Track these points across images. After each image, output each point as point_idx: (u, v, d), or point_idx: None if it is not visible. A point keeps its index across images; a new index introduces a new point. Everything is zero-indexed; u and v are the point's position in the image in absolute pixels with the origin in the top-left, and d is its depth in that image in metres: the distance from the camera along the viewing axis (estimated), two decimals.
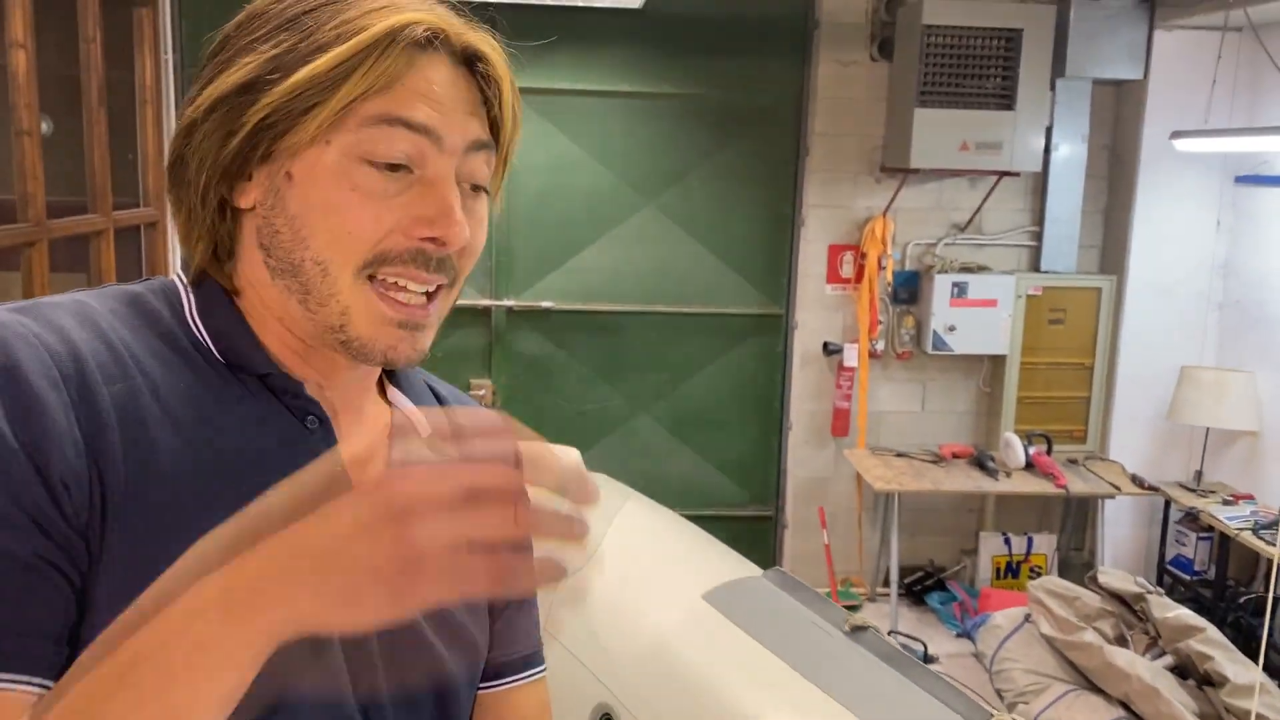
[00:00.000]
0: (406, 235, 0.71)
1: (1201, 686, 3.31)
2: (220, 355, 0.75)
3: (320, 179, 0.71)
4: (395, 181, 0.71)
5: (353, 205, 0.71)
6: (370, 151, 0.70)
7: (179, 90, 4.20)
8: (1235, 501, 4.21)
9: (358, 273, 0.71)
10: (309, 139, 0.71)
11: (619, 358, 4.74)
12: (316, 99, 0.70)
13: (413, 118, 0.71)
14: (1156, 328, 4.62)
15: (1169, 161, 4.42)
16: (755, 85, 4.58)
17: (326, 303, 0.72)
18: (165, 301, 0.76)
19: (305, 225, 0.72)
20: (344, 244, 0.71)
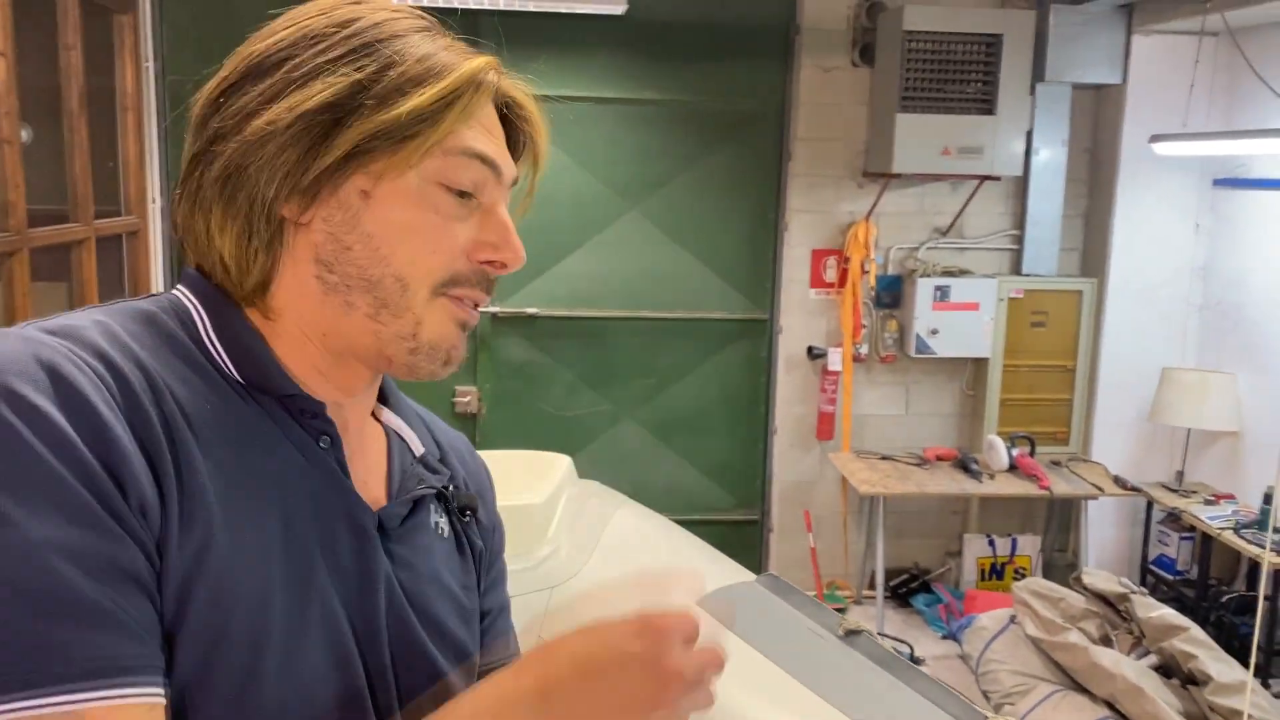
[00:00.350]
0: (470, 258, 0.78)
1: (1185, 685, 3.34)
2: (238, 375, 0.75)
3: (403, 201, 0.75)
4: (464, 207, 0.77)
5: (435, 227, 0.76)
6: (450, 179, 0.76)
7: (160, 97, 4.17)
8: (1216, 501, 4.25)
9: (434, 290, 0.77)
10: (402, 164, 0.75)
11: (604, 363, 4.74)
12: (419, 129, 0.74)
13: (485, 152, 0.78)
14: (1137, 330, 4.66)
15: (1148, 165, 4.46)
16: (738, 91, 4.60)
17: (402, 315, 0.76)
18: (179, 320, 0.75)
19: (385, 243, 0.75)
20: (426, 262, 0.76)
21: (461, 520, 0.89)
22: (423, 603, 0.81)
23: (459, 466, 0.93)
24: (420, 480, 0.85)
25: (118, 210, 3.93)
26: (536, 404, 4.69)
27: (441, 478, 0.88)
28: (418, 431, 0.90)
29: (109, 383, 0.65)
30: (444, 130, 0.75)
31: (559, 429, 4.69)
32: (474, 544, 0.90)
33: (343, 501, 0.76)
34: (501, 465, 2.03)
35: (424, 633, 0.80)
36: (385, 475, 0.84)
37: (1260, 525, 3.89)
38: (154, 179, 4.14)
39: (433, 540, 0.85)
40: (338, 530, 0.75)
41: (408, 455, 0.87)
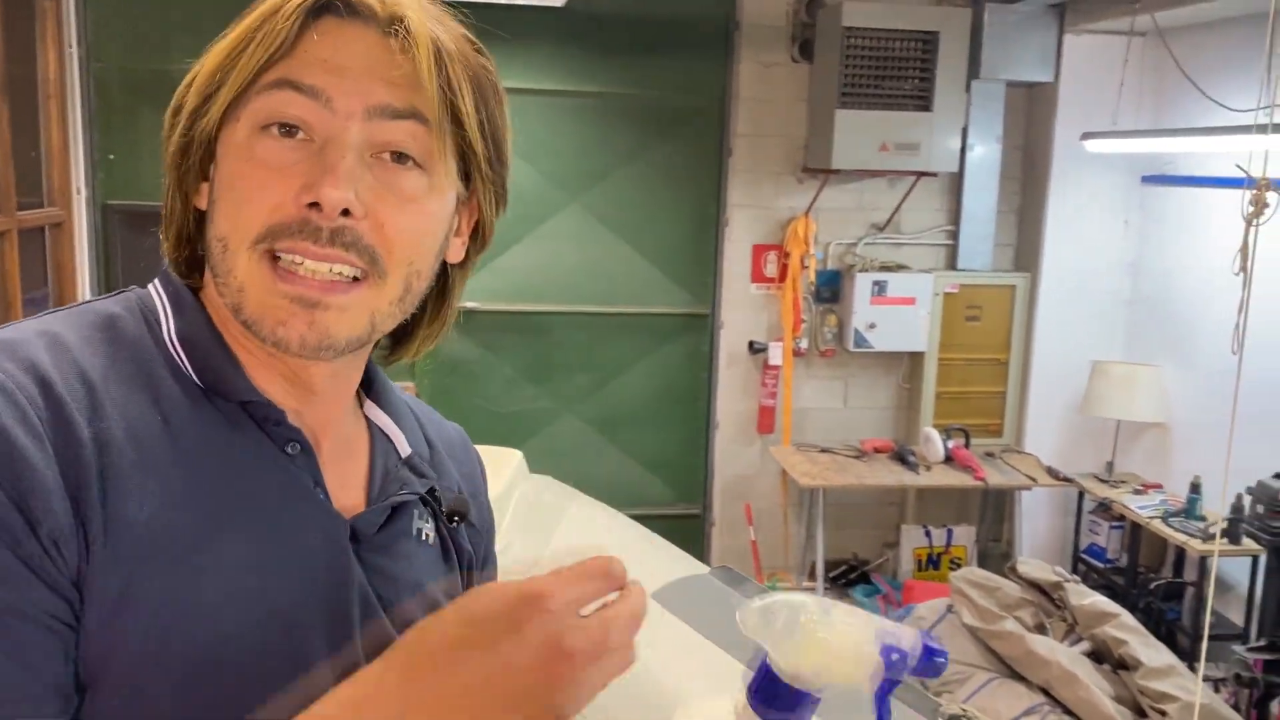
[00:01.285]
0: (295, 203, 0.67)
1: (1116, 670, 3.41)
2: (199, 381, 0.70)
3: (230, 155, 0.70)
4: (294, 151, 0.68)
5: (248, 176, 0.68)
6: (266, 117, 0.68)
7: (84, 85, 4.05)
8: (1145, 491, 4.35)
9: (252, 247, 0.68)
10: (220, 118, 0.70)
11: (545, 358, 4.71)
12: (224, 78, 0.69)
13: (301, 80, 0.68)
14: (1069, 324, 4.76)
15: (1079, 162, 4.55)
16: (679, 85, 4.60)
17: (227, 280, 0.69)
18: (143, 322, 0.72)
19: (216, 206, 0.70)
20: (240, 216, 0.68)
21: (449, 526, 0.83)
22: (402, 615, 0.76)
23: (450, 465, 0.88)
24: (402, 484, 0.80)
25: (40, 202, 3.81)
26: (476, 400, 4.64)
27: (427, 482, 0.82)
28: (407, 428, 0.85)
29: (35, 402, 0.61)
30: (242, 70, 0.69)
31: (499, 425, 4.66)
32: (462, 550, 0.84)
33: (312, 511, 0.72)
34: None
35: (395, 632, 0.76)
36: (366, 478, 0.79)
37: (1186, 514, 4.00)
38: (79, 169, 4.01)
39: (415, 547, 0.79)
40: (308, 541, 0.71)
41: (393, 456, 0.82)
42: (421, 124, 0.70)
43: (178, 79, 0.77)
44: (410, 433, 0.85)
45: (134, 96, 4.17)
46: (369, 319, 0.71)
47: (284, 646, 0.68)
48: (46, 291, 3.82)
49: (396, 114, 0.70)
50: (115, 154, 4.20)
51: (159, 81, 4.17)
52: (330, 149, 0.68)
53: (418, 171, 0.71)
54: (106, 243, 4.21)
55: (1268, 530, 3.32)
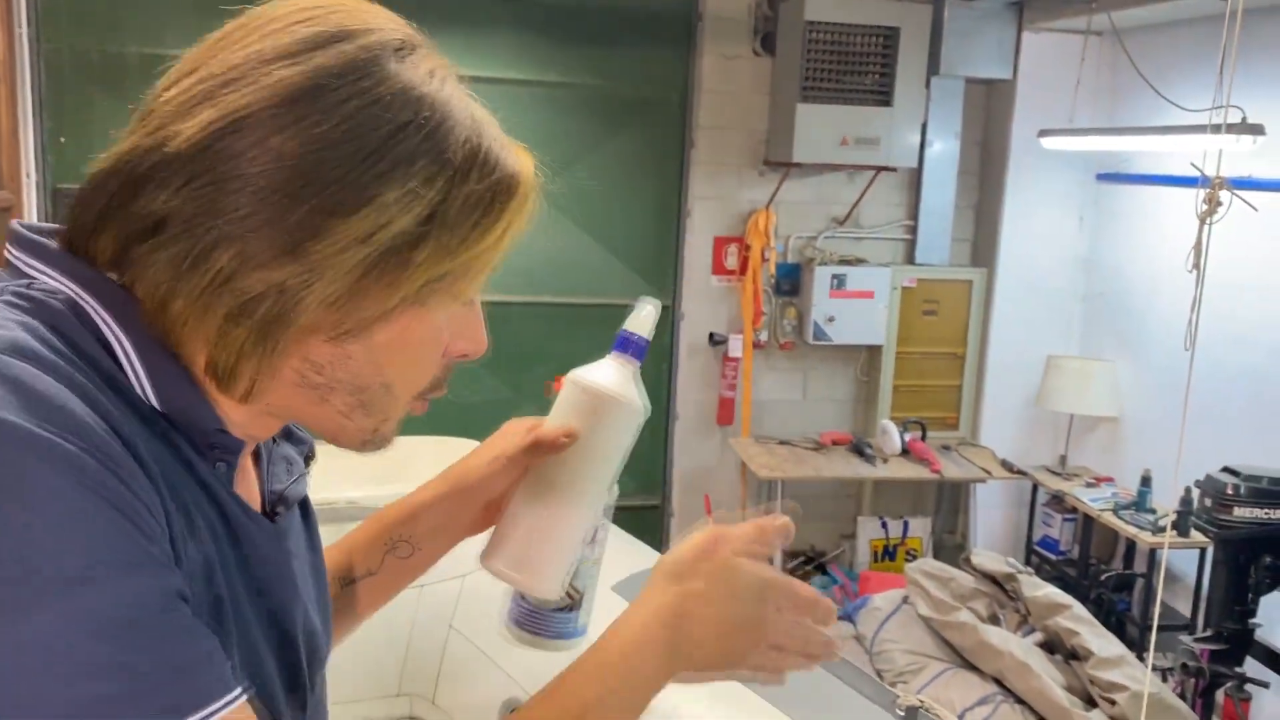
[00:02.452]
0: (446, 354, 0.74)
1: (1069, 661, 3.47)
2: (155, 402, 0.64)
3: (418, 320, 0.69)
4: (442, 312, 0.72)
5: (436, 343, 0.72)
6: (465, 295, 0.71)
7: (35, 67, 3.96)
8: (1097, 484, 4.42)
9: (416, 398, 0.74)
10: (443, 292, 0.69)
11: (505, 349, 4.67)
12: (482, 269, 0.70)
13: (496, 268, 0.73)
14: (1024, 319, 4.82)
15: (1036, 159, 4.61)
16: (641, 76, 4.59)
17: (373, 415, 0.71)
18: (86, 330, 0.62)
19: (387, 356, 0.68)
20: (417, 375, 0.72)
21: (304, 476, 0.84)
22: (314, 581, 0.81)
23: None
24: (288, 466, 0.80)
25: None
26: None
27: (303, 448, 0.83)
28: None
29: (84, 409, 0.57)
30: (497, 259, 0.71)
31: (460, 416, 4.60)
32: (306, 498, 0.85)
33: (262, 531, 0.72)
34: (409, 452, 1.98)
35: (318, 618, 0.80)
36: (253, 459, 0.78)
37: (1137, 507, 4.07)
38: (29, 153, 3.92)
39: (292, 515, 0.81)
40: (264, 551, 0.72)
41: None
42: None
43: (130, 60, 0.72)
44: None
45: (85, 78, 4.09)
46: None
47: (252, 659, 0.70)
48: None
49: None
50: (66, 137, 4.11)
51: (110, 63, 4.09)
52: (477, 309, 0.76)
53: None
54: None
55: (1215, 523, 3.39)
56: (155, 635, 0.55)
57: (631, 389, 0.89)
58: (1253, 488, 3.32)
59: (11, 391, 0.54)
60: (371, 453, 0.74)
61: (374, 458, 0.85)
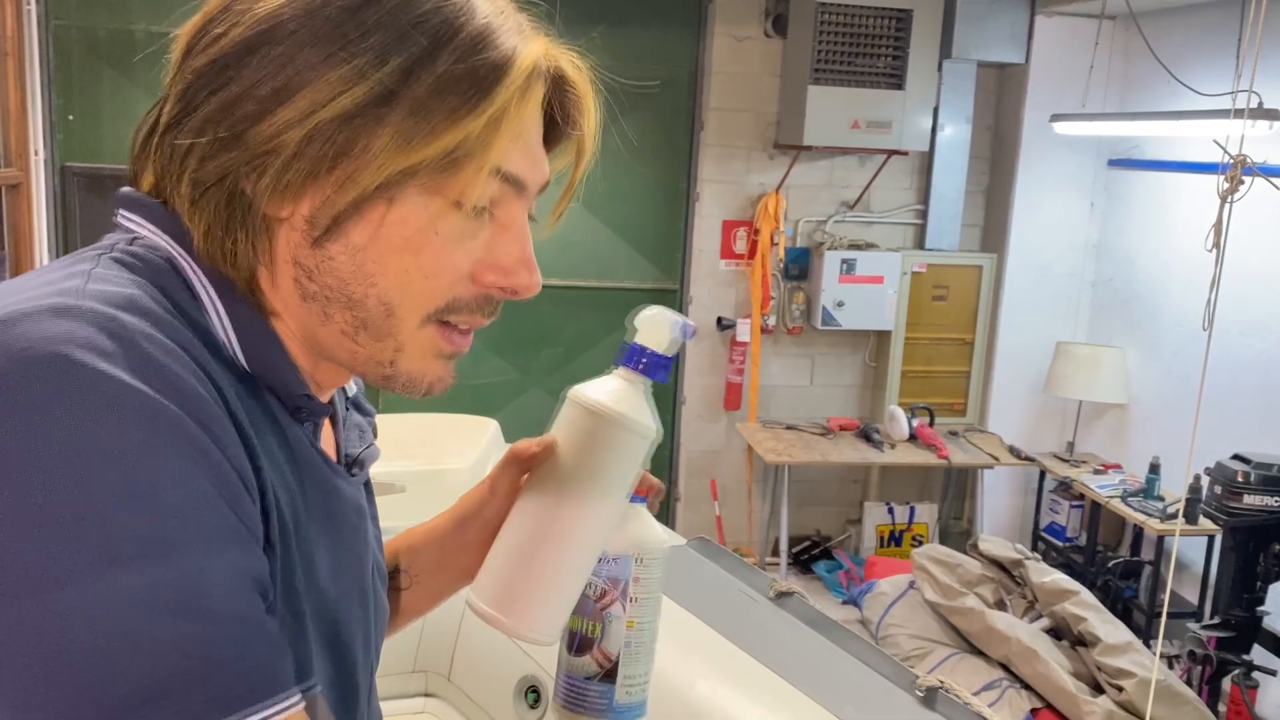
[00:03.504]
0: (477, 281, 0.67)
1: (1075, 647, 3.47)
2: (245, 364, 0.65)
3: (400, 215, 0.63)
4: (475, 224, 0.66)
5: (436, 250, 0.64)
6: (460, 195, 0.63)
7: (43, 43, 3.94)
8: (1105, 471, 4.41)
9: (425, 319, 0.66)
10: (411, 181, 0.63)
11: (512, 331, 4.68)
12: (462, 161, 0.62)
13: (508, 168, 0.65)
14: (1033, 305, 4.80)
15: (1047, 144, 4.58)
16: (651, 58, 4.56)
17: (383, 340, 0.66)
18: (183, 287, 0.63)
19: (372, 260, 0.63)
20: (418, 289, 0.65)
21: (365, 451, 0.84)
22: (377, 549, 0.82)
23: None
24: (360, 434, 0.81)
25: None
26: None
27: (371, 419, 0.84)
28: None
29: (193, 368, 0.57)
30: (493, 158, 0.63)
31: (467, 397, 4.62)
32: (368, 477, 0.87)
33: (343, 480, 0.74)
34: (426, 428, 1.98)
35: (377, 577, 0.81)
36: (331, 420, 0.79)
37: (1145, 494, 4.06)
38: (37, 129, 3.91)
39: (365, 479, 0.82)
40: (348, 510, 0.74)
41: (342, 401, 0.82)
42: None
43: (138, 38, 0.71)
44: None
45: (94, 56, 4.07)
46: None
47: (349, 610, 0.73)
48: (3, 254, 3.73)
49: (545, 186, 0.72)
50: (74, 115, 4.10)
51: (119, 41, 4.07)
52: (521, 234, 0.68)
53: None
54: (65, 205, 4.11)
55: (1225, 510, 3.38)
56: (221, 621, 0.53)
57: (637, 408, 0.80)
58: (1263, 475, 3.32)
59: (124, 347, 0.54)
60: (408, 394, 0.69)
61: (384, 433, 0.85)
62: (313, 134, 0.60)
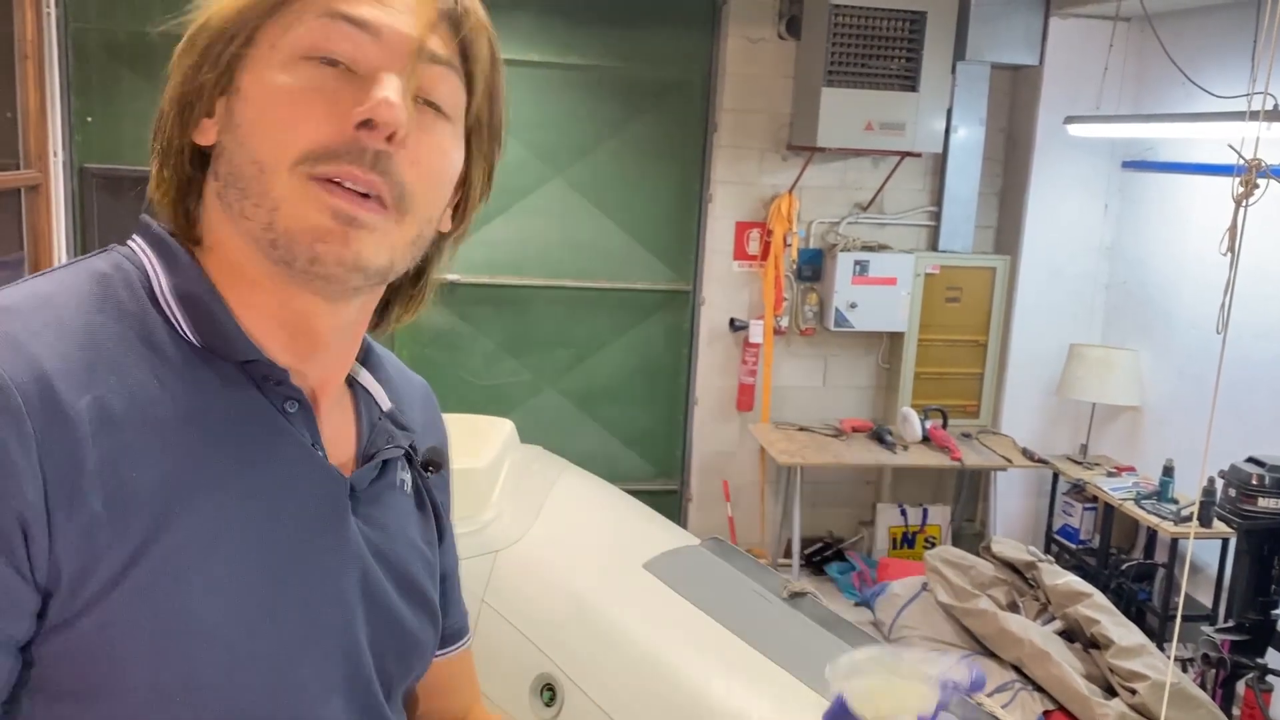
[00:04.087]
0: (342, 125, 0.66)
1: (1088, 649, 3.46)
2: (196, 339, 0.69)
3: (264, 81, 0.67)
4: (337, 79, 0.67)
5: (290, 97, 0.66)
6: (311, 46, 0.67)
7: (62, 46, 3.98)
8: (1118, 473, 4.40)
9: (293, 168, 0.66)
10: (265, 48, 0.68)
11: (526, 332, 4.69)
12: (267, 10, 0.67)
13: (352, 12, 0.67)
14: (1047, 307, 4.79)
15: (1061, 146, 4.57)
16: (665, 59, 4.57)
17: (261, 202, 0.66)
18: (134, 279, 0.70)
19: (246, 129, 0.67)
20: (280, 136, 0.66)
21: (423, 476, 0.85)
22: (395, 561, 0.79)
23: (417, 415, 0.90)
24: (389, 438, 0.81)
25: (16, 164, 3.74)
26: (457, 372, 4.63)
27: (409, 435, 0.84)
28: (385, 382, 0.86)
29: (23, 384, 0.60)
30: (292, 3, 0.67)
31: (481, 397, 4.64)
32: (434, 499, 0.87)
33: (312, 470, 0.73)
34: None
35: (397, 594, 0.78)
36: (355, 434, 0.80)
37: (1159, 496, 4.05)
38: (56, 131, 3.94)
39: (399, 497, 0.82)
40: (310, 501, 0.72)
41: (375, 410, 0.83)
42: (455, 73, 0.71)
43: (157, 41, 0.76)
44: (388, 386, 0.86)
45: (112, 58, 4.11)
46: (390, 252, 0.70)
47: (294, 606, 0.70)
48: (22, 255, 3.76)
49: (436, 59, 0.69)
50: (93, 116, 4.14)
51: (137, 43, 4.10)
52: (382, 75, 0.67)
53: (446, 122, 0.72)
54: (83, 206, 4.15)
55: (1239, 513, 3.37)
56: None
57: None
58: (1278, 478, 3.31)
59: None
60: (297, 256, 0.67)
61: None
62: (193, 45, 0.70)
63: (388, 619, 0.77)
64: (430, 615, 0.83)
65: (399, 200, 0.68)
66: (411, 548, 0.82)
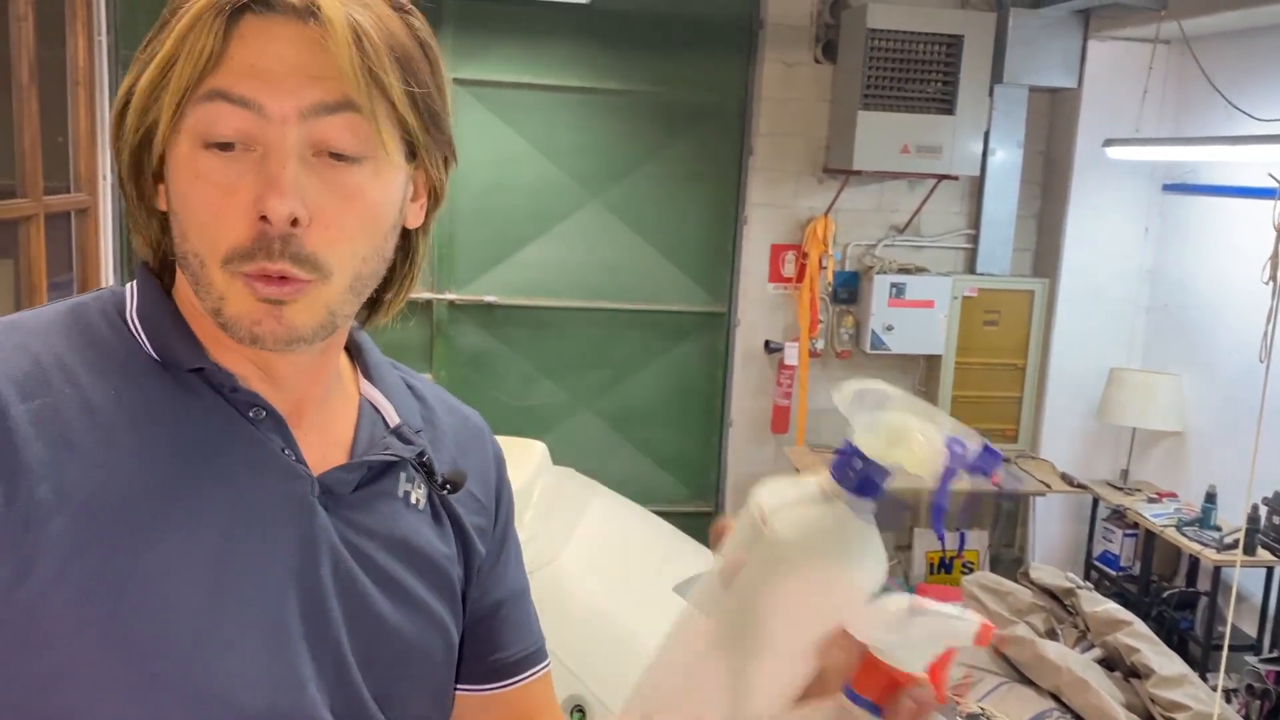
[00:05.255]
0: (247, 223, 0.69)
1: (1128, 678, 3.41)
2: (155, 354, 0.74)
3: (177, 172, 0.70)
4: (235, 164, 0.69)
5: (198, 196, 0.69)
6: (204, 134, 0.68)
7: (112, 72, 4.08)
8: (1159, 499, 4.34)
9: (223, 266, 0.70)
10: (165, 133, 0.70)
11: (562, 353, 4.72)
12: (163, 93, 0.69)
13: (231, 90, 0.68)
14: (1087, 330, 4.75)
15: (1100, 168, 4.54)
16: (701, 84, 4.60)
17: (208, 292, 0.71)
18: (111, 305, 0.76)
19: (179, 220, 0.71)
20: (205, 238, 0.70)
21: (440, 493, 0.85)
22: (377, 562, 0.79)
23: (450, 440, 0.90)
24: (385, 449, 0.82)
25: (67, 187, 3.83)
26: (492, 393, 4.66)
27: (414, 448, 0.84)
28: (398, 402, 0.87)
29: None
30: (175, 88, 0.68)
31: (516, 418, 4.67)
32: (458, 519, 0.87)
33: (275, 471, 0.74)
34: None
35: (379, 593, 0.78)
36: (350, 445, 0.82)
37: (1201, 523, 3.99)
38: (105, 156, 4.04)
39: (398, 508, 0.82)
40: (271, 500, 0.74)
41: (380, 426, 0.85)
42: (356, 113, 0.70)
43: None
44: (402, 406, 0.87)
45: None
46: (325, 310, 0.72)
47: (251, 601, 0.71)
48: (71, 276, 3.85)
49: (330, 109, 0.69)
50: None
51: None
52: (271, 159, 0.68)
53: (358, 165, 0.71)
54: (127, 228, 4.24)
55: None
56: None
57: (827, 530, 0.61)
58: None
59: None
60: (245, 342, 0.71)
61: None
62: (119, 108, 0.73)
63: (367, 618, 0.77)
64: (428, 620, 0.82)
65: (316, 269, 0.71)
66: (407, 553, 0.81)
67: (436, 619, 0.82)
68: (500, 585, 0.92)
